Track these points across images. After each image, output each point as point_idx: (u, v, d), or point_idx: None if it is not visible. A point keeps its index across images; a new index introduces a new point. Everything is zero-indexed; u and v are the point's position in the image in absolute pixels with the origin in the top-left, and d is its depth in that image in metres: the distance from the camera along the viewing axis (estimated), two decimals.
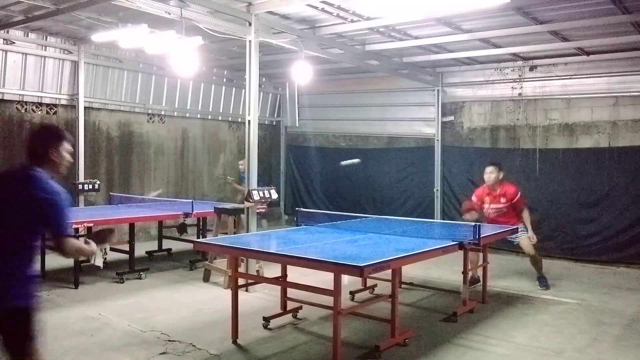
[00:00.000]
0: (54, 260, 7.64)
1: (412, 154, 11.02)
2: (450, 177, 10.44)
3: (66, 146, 3.05)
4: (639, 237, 8.33)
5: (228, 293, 5.26)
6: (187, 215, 7.60)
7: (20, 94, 8.71)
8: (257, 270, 6.71)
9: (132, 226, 7.35)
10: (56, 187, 2.89)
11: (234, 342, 4.82)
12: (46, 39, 8.84)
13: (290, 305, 5.54)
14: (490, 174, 7.00)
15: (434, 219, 9.91)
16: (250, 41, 6.57)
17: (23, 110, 8.82)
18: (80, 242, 3.04)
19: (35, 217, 2.82)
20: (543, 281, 7.06)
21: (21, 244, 2.84)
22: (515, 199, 6.98)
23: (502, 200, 6.96)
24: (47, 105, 9.10)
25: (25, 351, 2.82)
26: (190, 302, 6.17)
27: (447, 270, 7.61)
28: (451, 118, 10.53)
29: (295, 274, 5.38)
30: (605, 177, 8.67)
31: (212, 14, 6.43)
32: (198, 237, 8.52)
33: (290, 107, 12.91)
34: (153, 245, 8.94)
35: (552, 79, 9.30)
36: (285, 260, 4.70)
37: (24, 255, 2.86)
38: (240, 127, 11.94)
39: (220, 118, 12.00)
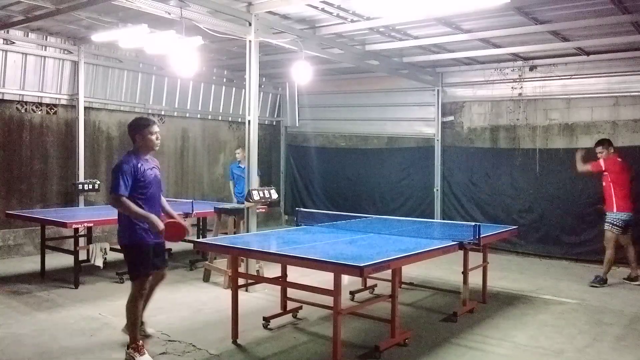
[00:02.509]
0: (54, 260, 7.66)
1: (412, 154, 11.01)
2: (450, 177, 10.43)
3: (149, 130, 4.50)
4: (639, 237, 8.32)
5: (228, 293, 5.26)
6: (187, 215, 7.57)
7: (20, 94, 8.70)
8: (257, 270, 6.71)
9: None
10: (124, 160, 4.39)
11: (234, 342, 4.83)
12: (46, 39, 8.83)
13: (290, 305, 5.55)
14: (599, 153, 7.44)
15: (434, 219, 9.90)
16: (250, 41, 6.57)
17: (23, 110, 8.81)
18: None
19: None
20: (597, 279, 7.26)
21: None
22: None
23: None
24: (47, 105, 9.09)
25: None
26: (190, 302, 6.18)
27: (447, 270, 7.61)
28: (451, 118, 10.52)
29: (295, 274, 5.39)
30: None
31: (212, 14, 6.42)
32: (198, 237, 8.52)
33: (290, 107, 12.90)
34: None
35: (552, 79, 9.30)
36: (285, 260, 4.70)
37: None
38: (240, 127, 11.94)
39: (220, 118, 11.99)
